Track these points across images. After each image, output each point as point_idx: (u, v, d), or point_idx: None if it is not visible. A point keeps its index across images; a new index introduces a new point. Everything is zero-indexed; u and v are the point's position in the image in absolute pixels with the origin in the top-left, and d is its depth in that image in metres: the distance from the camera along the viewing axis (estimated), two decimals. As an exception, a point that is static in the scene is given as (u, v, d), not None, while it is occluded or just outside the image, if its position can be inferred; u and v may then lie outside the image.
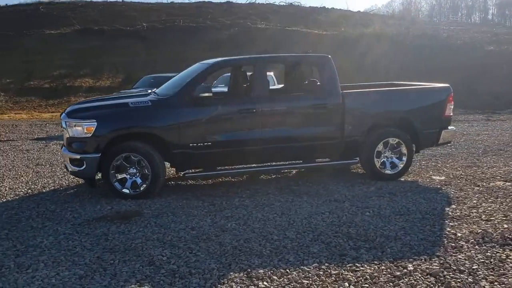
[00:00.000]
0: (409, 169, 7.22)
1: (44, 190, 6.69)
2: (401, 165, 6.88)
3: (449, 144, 8.30)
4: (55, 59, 29.26)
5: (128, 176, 6.04)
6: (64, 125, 6.12)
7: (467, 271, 3.61)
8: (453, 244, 4.17)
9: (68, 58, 29.48)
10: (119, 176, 6.01)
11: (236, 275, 3.59)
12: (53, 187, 6.85)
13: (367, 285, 3.40)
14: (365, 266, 3.74)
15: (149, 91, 7.39)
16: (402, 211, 5.27)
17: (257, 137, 6.35)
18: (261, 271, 3.65)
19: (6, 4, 42.96)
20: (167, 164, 6.44)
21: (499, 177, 6.88)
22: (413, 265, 3.74)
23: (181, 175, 6.62)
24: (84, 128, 5.86)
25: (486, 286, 3.35)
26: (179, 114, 6.08)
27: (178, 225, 4.94)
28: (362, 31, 32.29)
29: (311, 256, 3.97)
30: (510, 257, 3.88)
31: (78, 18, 37.37)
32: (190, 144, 6.11)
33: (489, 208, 5.31)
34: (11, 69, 26.97)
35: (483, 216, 5.02)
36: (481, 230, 4.53)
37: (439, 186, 6.47)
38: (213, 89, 12.35)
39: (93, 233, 4.73)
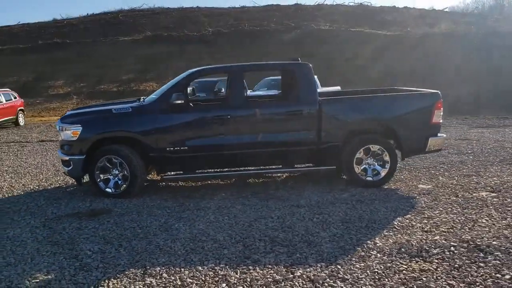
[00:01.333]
0: (402, 176, 7.11)
1: (49, 187, 7.43)
2: (383, 172, 6.81)
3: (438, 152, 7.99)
4: (125, 64, 31.27)
5: (111, 176, 6.59)
6: (58, 129, 6.81)
7: (350, 279, 3.66)
8: (363, 254, 4.20)
9: (137, 63, 31.36)
10: (103, 177, 6.58)
11: (133, 270, 3.93)
12: (59, 185, 7.56)
13: (242, 287, 3.58)
14: (256, 269, 3.91)
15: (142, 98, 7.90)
16: (350, 219, 5.29)
17: (232, 143, 6.62)
18: (158, 268, 3.95)
19: (87, 14, 46.35)
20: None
21: (489, 188, 6.59)
22: (303, 271, 3.84)
23: (160, 177, 7.02)
24: (71, 132, 6.50)
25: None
26: (156, 120, 6.52)
27: (132, 223, 5.36)
28: (427, 30, 30.99)
29: (218, 257, 4.21)
30: (408, 269, 3.85)
31: (151, 25, 39.48)
32: (167, 148, 6.53)
33: (443, 220, 5.18)
34: (85, 74, 29.28)
35: (427, 228, 4.93)
36: (405, 241, 4.48)
37: (416, 195, 6.33)
38: (253, 93, 12.73)
39: (55, 227, 5.29)
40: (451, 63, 24.48)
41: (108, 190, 6.56)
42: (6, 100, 18.66)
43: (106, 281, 3.76)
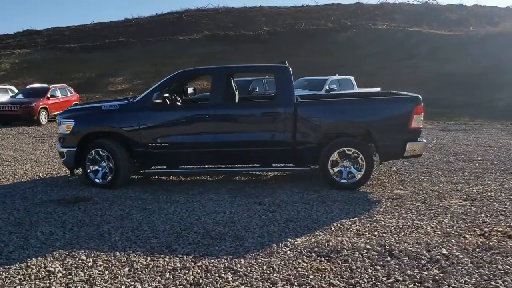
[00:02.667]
0: (385, 180, 7.26)
1: (56, 176, 8.19)
2: (358, 176, 6.87)
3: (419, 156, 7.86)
4: (181, 62, 32.41)
5: (100, 168, 7.18)
6: (58, 123, 7.52)
7: (241, 272, 3.91)
8: (274, 250, 4.41)
9: (192, 62, 32.40)
10: (93, 168, 7.19)
11: (61, 252, 4.42)
12: (65, 174, 8.29)
13: (140, 271, 3.95)
14: (166, 257, 4.26)
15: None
16: (296, 218, 5.47)
17: (211, 141, 6.98)
18: (82, 251, 4.42)
19: (156, 13, 48.46)
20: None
21: (465, 196, 6.46)
22: (205, 262, 4.13)
23: (144, 172, 7.49)
24: (65, 126, 7.18)
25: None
26: (139, 117, 7.02)
27: (98, 211, 5.88)
28: (490, 30, 29.44)
29: (142, 245, 4.60)
30: (305, 267, 4.02)
31: (211, 25, 40.65)
32: (149, 144, 7.02)
33: (386, 224, 5.23)
34: (143, 71, 30.80)
35: (362, 231, 5.01)
36: (325, 241, 4.62)
37: (384, 199, 6.36)
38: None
39: (32, 211, 5.93)
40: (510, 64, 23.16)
41: (96, 180, 7.15)
42: (62, 95, 20.17)
43: (34, 259, 4.26)
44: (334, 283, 3.69)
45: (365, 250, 4.37)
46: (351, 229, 5.06)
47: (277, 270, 3.95)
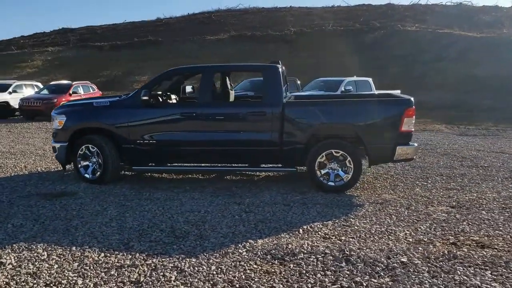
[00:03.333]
0: (377, 185, 7.12)
1: (54, 170, 8.35)
2: (346, 179, 6.72)
3: (412, 161, 7.62)
4: (205, 62, 32.64)
5: (90, 163, 7.28)
6: (52, 118, 7.66)
7: (188, 271, 3.87)
8: (230, 251, 4.34)
9: (217, 61, 32.59)
10: (83, 163, 7.29)
11: (22, 244, 4.49)
12: (60, 168, 8.42)
13: (89, 267, 3.97)
14: (118, 254, 4.26)
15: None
16: (267, 219, 5.39)
17: (197, 139, 6.97)
18: (41, 245, 4.48)
19: (187, 13, 48.99)
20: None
21: (454, 203, 6.22)
22: (156, 260, 4.12)
23: (131, 168, 7.53)
24: (58, 122, 7.31)
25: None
26: (128, 114, 7.07)
27: (76, 206, 5.94)
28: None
29: (102, 241, 4.62)
30: (255, 269, 3.95)
31: (239, 25, 40.80)
32: (137, 141, 7.07)
33: (359, 229, 5.08)
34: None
35: (329, 234, 4.89)
36: (285, 244, 4.52)
37: (368, 204, 6.19)
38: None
39: (15, 203, 6.06)
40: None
41: (86, 175, 7.25)
42: (85, 92, 20.63)
43: (-7, 250, 4.35)
44: (276, 287, 3.59)
45: (322, 255, 4.25)
46: (319, 233, 4.94)
47: (224, 271, 3.89)
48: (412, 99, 6.70)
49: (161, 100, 7.22)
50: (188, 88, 8.67)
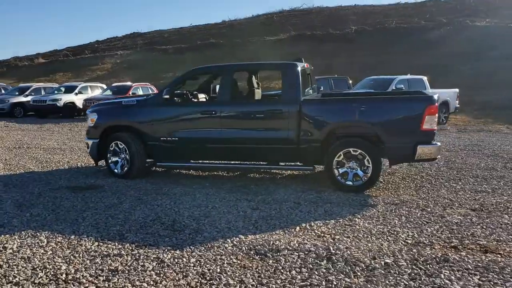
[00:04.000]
0: (402, 185, 6.93)
1: (90, 165, 8.84)
2: (365, 178, 6.58)
3: (435, 161, 7.24)
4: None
5: (120, 159, 7.65)
6: (87, 117, 8.14)
7: (167, 262, 4.00)
8: (217, 245, 4.41)
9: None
10: (113, 159, 7.68)
11: (30, 231, 4.84)
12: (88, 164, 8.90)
13: (79, 254, 4.21)
14: (109, 244, 4.47)
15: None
16: (271, 216, 5.39)
17: (217, 137, 7.11)
18: (31, 232, 4.84)
19: (252, 15, 49.53)
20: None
21: (477, 206, 5.90)
22: (143, 251, 4.28)
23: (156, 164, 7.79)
24: (90, 120, 7.76)
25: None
26: (152, 112, 7.36)
27: (94, 199, 6.25)
28: None
29: (101, 231, 4.87)
30: (233, 264, 3.99)
31: (300, 25, 40.71)
32: (161, 138, 7.33)
33: (360, 229, 4.94)
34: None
35: (329, 233, 4.82)
36: (274, 241, 4.52)
37: (382, 204, 6.02)
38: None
39: (44, 194, 6.50)
40: None
41: (115, 170, 7.62)
42: (144, 93, 21.54)
43: (1, 236, 4.72)
44: (245, 281, 3.62)
45: (306, 252, 4.21)
46: (316, 231, 4.88)
47: (201, 264, 3.97)
48: (435, 96, 6.41)
49: (185, 98, 7.41)
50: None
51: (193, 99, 7.58)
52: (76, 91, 21.28)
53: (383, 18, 39.49)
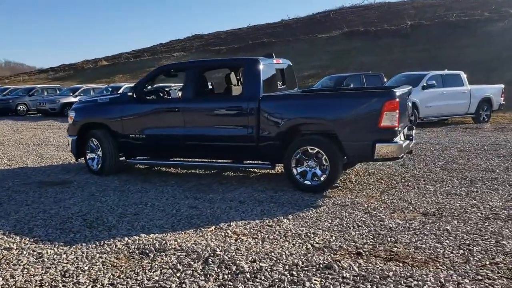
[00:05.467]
0: (373, 186, 6.57)
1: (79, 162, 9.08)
2: (322, 177, 6.26)
3: (400, 161, 6.65)
4: (314, 60, 32.49)
5: (96, 156, 7.83)
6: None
7: (38, 256, 4.01)
8: (108, 243, 4.37)
9: (325, 59, 32.20)
10: (90, 156, 7.87)
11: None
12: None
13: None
14: (16, 237, 4.57)
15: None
16: (200, 216, 5.25)
17: (181, 134, 7.06)
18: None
19: (312, 13, 49.00)
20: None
21: (433, 210, 5.41)
22: (38, 246, 4.32)
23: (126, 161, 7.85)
24: (70, 117, 8.02)
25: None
26: (122, 109, 7.44)
27: (53, 194, 6.45)
28: None
29: (21, 226, 4.98)
30: (99, 261, 3.93)
31: (355, 21, 39.72)
32: (130, 135, 7.41)
33: (277, 231, 4.71)
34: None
35: (240, 233, 4.62)
36: (168, 240, 4.39)
37: (330, 205, 5.69)
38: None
39: (12, 189, 6.78)
40: None
41: (92, 167, 7.80)
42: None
43: None
44: (98, 278, 3.55)
45: (189, 253, 4.04)
46: (227, 232, 4.68)
47: (76, 260, 3.93)
48: (395, 91, 5.93)
49: (153, 96, 7.43)
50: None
51: (162, 96, 7.56)
52: (120, 91, 22.08)
53: (444, 11, 37.46)
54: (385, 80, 17.81)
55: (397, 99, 5.85)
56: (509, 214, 5.12)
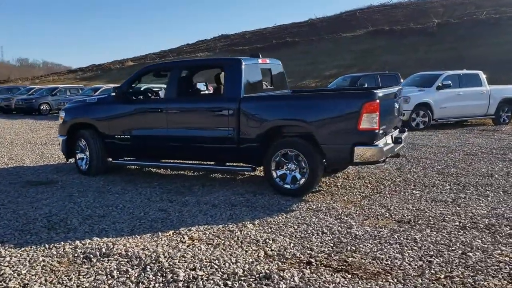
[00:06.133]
0: (358, 189, 6.35)
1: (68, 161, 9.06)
2: (302, 181, 6.06)
3: (382, 165, 6.33)
4: (338, 59, 32.05)
5: (85, 156, 7.84)
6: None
7: (8, 261, 3.98)
8: (58, 246, 4.30)
9: (349, 59, 31.70)
10: (80, 156, 7.87)
11: None
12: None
13: None
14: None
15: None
16: (165, 219, 5.14)
17: (164, 135, 6.98)
18: None
19: (340, 12, 48.34)
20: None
21: (408, 218, 5.15)
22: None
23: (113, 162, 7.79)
24: (60, 117, 8.06)
25: None
26: (109, 109, 7.40)
27: (32, 194, 6.45)
28: None
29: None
30: (40, 265, 3.86)
31: (381, 20, 39.04)
32: (116, 136, 7.37)
33: (237, 236, 4.56)
34: (297, 71, 31.35)
35: (198, 238, 4.49)
36: (117, 245, 4.29)
37: (303, 210, 5.49)
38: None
39: (-2, 189, 6.87)
40: None
41: (81, 167, 7.81)
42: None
43: None
44: (29, 283, 3.48)
45: (132, 259, 3.92)
46: (185, 236, 4.54)
47: (17, 263, 3.87)
48: (376, 92, 5.66)
49: (137, 96, 7.38)
50: (201, 86, 8.63)
51: (146, 97, 7.48)
52: (99, 92, 22.35)
53: (474, 9, 36.32)
54: (402, 80, 17.33)
55: (377, 101, 5.58)
56: (489, 223, 4.80)
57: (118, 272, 3.64)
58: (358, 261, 3.87)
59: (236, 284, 3.41)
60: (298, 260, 3.89)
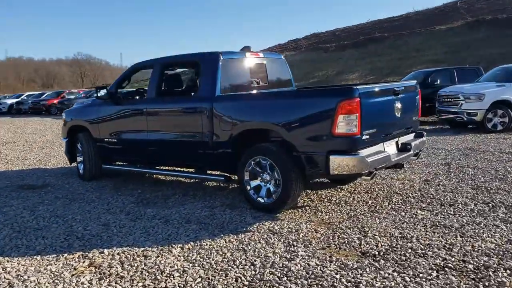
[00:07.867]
0: (350, 207, 5.32)
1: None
2: (275, 195, 5.14)
3: (368, 178, 5.03)
4: (427, 54, 29.47)
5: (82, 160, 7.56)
6: (63, 117, 8.24)
7: None
8: (37, 251, 3.90)
9: (438, 53, 28.99)
10: (79, 159, 7.60)
11: None
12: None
13: None
14: None
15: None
16: (93, 239, 4.57)
17: (145, 138, 6.41)
18: None
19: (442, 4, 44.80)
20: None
21: (381, 248, 4.05)
22: None
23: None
24: (62, 120, 7.89)
25: None
26: (98, 111, 6.97)
27: (18, 200, 6.21)
28: None
29: None
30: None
31: (485, 9, 35.41)
32: (105, 139, 6.97)
33: (167, 255, 3.88)
34: (382, 67, 29.41)
35: (87, 263, 3.87)
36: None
37: (261, 231, 4.62)
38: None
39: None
40: None
41: (80, 171, 7.54)
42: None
43: None
44: None
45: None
46: (86, 261, 3.93)
47: None
48: (356, 88, 4.54)
49: (123, 96, 6.90)
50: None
51: (132, 97, 6.95)
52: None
53: None
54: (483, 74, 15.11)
55: (357, 99, 4.45)
56: (481, 265, 3.50)
57: None
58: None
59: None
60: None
